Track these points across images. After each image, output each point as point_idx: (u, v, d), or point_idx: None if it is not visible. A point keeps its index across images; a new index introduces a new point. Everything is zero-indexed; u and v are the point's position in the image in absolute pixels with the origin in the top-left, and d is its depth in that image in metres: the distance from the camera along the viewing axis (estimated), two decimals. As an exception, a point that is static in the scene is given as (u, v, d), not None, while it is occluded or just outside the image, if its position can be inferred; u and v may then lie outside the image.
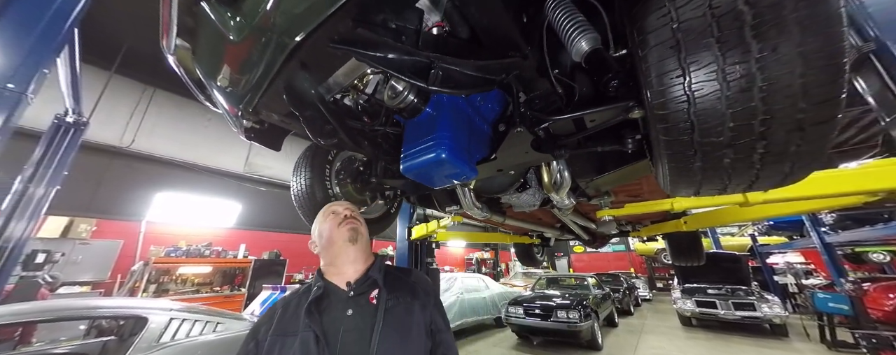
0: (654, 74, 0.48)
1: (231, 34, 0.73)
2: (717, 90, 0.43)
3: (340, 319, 0.74)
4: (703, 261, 3.53)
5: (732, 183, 0.53)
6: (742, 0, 0.40)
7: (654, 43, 0.47)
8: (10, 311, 2.30)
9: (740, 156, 0.47)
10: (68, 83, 3.06)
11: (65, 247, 4.82)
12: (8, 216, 3.20)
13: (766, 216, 1.43)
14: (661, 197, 1.61)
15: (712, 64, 0.43)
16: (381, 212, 1.75)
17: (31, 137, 3.65)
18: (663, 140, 0.52)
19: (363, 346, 0.69)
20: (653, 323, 7.58)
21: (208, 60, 0.90)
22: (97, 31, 4.51)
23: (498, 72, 0.74)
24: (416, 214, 3.59)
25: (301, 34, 0.61)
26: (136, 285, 5.16)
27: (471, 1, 0.55)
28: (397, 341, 0.73)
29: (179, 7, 0.77)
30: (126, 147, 5.80)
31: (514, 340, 5.90)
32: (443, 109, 0.94)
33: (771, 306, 5.72)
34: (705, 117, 0.45)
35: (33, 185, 3.35)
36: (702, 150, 0.49)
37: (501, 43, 0.66)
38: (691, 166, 0.52)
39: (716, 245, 9.94)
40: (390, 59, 0.64)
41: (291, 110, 0.86)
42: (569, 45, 0.62)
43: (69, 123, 3.60)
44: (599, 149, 0.92)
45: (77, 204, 5.23)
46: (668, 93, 0.47)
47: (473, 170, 0.96)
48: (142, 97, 6.11)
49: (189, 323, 2.70)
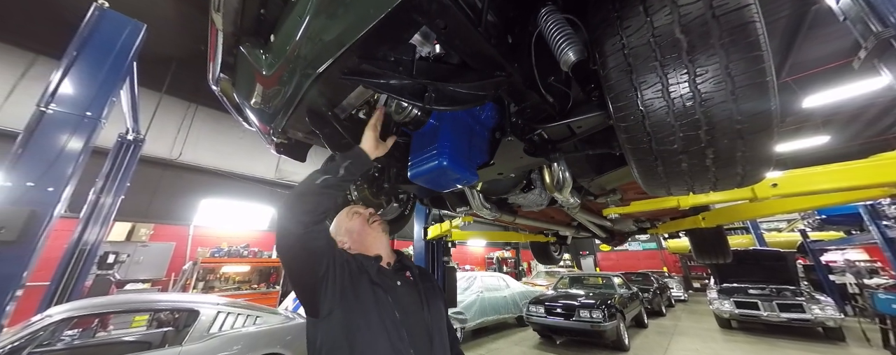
0: (614, 92, 0.55)
1: (263, 69, 0.89)
2: (665, 105, 0.49)
3: (394, 287, 0.90)
4: (729, 259, 3.33)
5: (696, 184, 0.58)
6: (679, 30, 0.46)
7: (611, 65, 0.54)
8: (90, 304, 2.71)
9: (694, 161, 0.53)
10: (129, 106, 3.51)
11: (129, 249, 5.49)
12: (86, 222, 3.74)
13: (785, 210, 1.35)
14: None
15: (658, 83, 0.49)
16: (396, 214, 1.88)
17: (99, 154, 4.22)
18: (628, 147, 0.58)
19: (417, 310, 0.88)
20: (687, 324, 7.17)
21: (245, 90, 1.06)
22: (150, 56, 5.09)
23: (487, 89, 0.83)
24: (432, 215, 3.72)
25: (319, 69, 0.74)
26: (187, 282, 5.76)
27: (454, 35, 0.65)
28: (438, 311, 0.93)
29: (223, 49, 0.94)
30: (175, 159, 6.48)
31: (535, 339, 5.86)
32: (444, 121, 1.04)
33: (823, 308, 5.21)
34: (658, 128, 0.52)
35: (104, 195, 3.88)
36: (661, 157, 0.55)
37: (487, 65, 0.75)
38: (656, 170, 0.58)
39: (759, 242, 9.17)
40: (391, 84, 0.76)
41: (312, 129, 1.00)
42: (558, 55, 0.70)
43: (130, 141, 4.12)
44: (590, 152, 0.98)
45: (138, 210, 5.92)
46: (627, 108, 0.54)
47: (474, 174, 1.05)
48: (187, 113, 6.79)
49: (233, 317, 3.01)
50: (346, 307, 0.79)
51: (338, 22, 0.64)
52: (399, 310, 0.84)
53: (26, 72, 5.11)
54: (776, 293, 5.84)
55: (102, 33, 2.26)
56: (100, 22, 2.26)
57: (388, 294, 0.85)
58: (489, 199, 1.81)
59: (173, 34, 4.90)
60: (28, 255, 1.76)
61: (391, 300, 0.84)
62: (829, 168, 1.03)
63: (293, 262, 0.80)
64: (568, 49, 0.68)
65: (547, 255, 4.32)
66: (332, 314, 0.78)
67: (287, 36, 0.77)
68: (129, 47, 2.34)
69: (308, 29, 0.69)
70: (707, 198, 1.35)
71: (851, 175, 0.96)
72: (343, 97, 0.89)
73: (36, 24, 4.68)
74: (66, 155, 1.96)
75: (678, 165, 0.54)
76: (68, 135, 1.99)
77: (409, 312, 0.85)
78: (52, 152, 1.93)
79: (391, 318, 0.81)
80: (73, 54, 2.11)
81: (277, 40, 0.81)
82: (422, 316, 0.87)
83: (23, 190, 1.81)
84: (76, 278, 3.51)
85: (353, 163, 0.87)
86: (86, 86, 2.12)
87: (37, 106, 1.95)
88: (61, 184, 1.92)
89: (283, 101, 0.92)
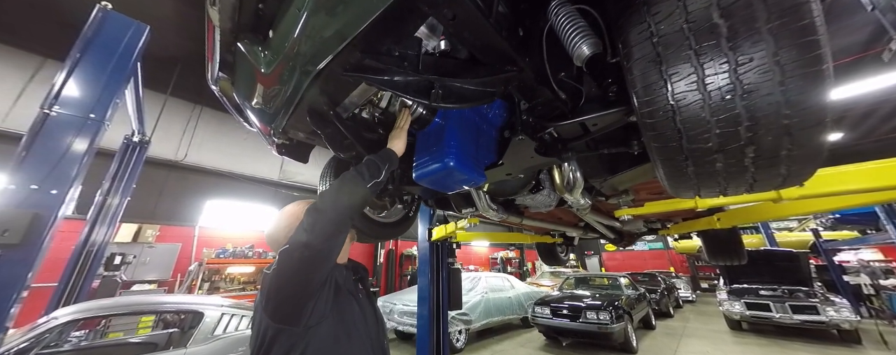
0: (640, 85, 0.50)
1: (262, 67, 0.85)
2: (699, 99, 0.44)
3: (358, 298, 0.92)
4: (744, 260, 3.23)
5: (730, 186, 0.53)
6: (717, 13, 0.41)
7: (637, 56, 0.49)
8: (96, 306, 2.72)
9: (731, 161, 0.48)
10: (134, 108, 3.52)
11: (135, 250, 5.53)
12: (92, 223, 3.76)
13: (807, 211, 1.28)
14: (686, 194, 1.53)
15: (692, 74, 0.44)
16: (400, 215, 1.84)
17: (106, 156, 4.25)
18: (654, 146, 0.53)
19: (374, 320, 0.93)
20: (695, 325, 7.04)
21: (244, 89, 1.03)
22: (154, 58, 5.12)
23: (497, 85, 0.78)
24: (436, 216, 3.67)
25: (319, 65, 0.70)
26: (193, 283, 5.79)
27: (464, 27, 0.60)
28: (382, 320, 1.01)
29: (221, 47, 0.90)
30: (180, 160, 6.52)
31: (541, 341, 5.79)
32: (450, 120, 1.00)
33: (838, 309, 5.07)
34: (691, 124, 0.47)
35: (110, 197, 3.90)
36: (692, 156, 0.50)
37: (497, 59, 0.70)
38: (685, 171, 0.53)
39: (770, 241, 8.97)
40: (396, 81, 0.71)
41: (314, 129, 0.96)
42: (570, 50, 0.65)
43: (136, 143, 4.14)
44: (606, 151, 0.92)
45: (144, 212, 5.97)
46: (654, 102, 0.49)
47: (481, 175, 1.01)
48: (192, 115, 6.83)
49: (237, 319, 2.99)
50: (334, 317, 0.78)
51: (339, 14, 0.60)
52: (368, 320, 0.89)
53: (35, 75, 5.17)
54: (788, 294, 5.70)
55: (106, 35, 2.25)
56: (103, 23, 2.25)
57: (359, 304, 0.88)
58: (495, 200, 1.76)
59: (177, 36, 4.92)
60: (32, 258, 1.75)
61: (359, 310, 0.87)
62: (862, 166, 0.97)
63: (307, 271, 0.72)
64: (581, 42, 0.63)
65: (553, 256, 4.25)
66: (320, 324, 0.75)
67: (286, 31, 0.73)
68: (132, 48, 2.33)
69: (308, 23, 0.65)
70: (728, 199, 1.29)
71: (888, 174, 0.90)
72: (345, 95, 0.85)
73: (43, 27, 4.73)
74: (69, 157, 1.95)
75: (712, 165, 0.49)
76: (72, 137, 1.98)
77: (369, 322, 0.89)
78: (56, 154, 1.92)
79: (364, 328, 0.86)
80: (76, 56, 2.10)
81: (276, 36, 0.77)
82: (377, 327, 0.92)
83: (27, 192, 1.80)
84: (83, 279, 3.53)
85: (390, 164, 0.88)
86: (89, 88, 2.11)
87: (40, 108, 1.95)
88: (65, 187, 1.91)
89: (284, 101, 0.88)
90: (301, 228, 0.73)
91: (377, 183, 0.83)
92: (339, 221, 0.73)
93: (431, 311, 3.49)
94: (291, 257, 0.70)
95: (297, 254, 0.70)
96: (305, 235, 0.70)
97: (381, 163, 0.86)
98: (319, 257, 0.71)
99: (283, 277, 0.72)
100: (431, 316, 3.49)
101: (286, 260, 0.71)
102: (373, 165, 0.86)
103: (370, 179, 0.81)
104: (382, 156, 0.89)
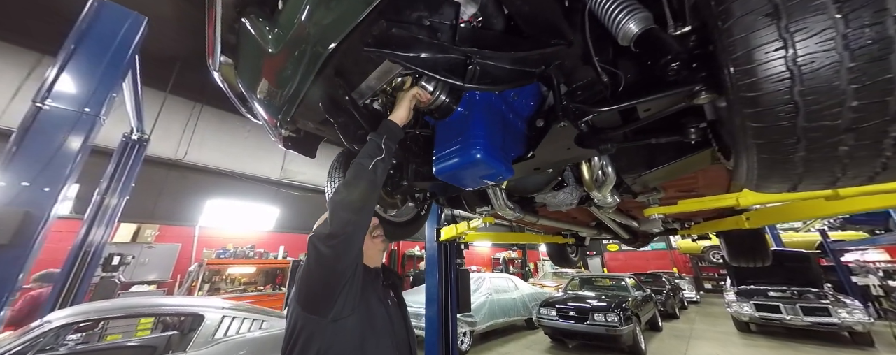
0: (742, 49, 0.40)
1: (269, 47, 0.75)
2: (836, 62, 0.35)
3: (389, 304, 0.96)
4: (769, 262, 3.12)
5: (847, 175, 0.43)
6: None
7: (740, 12, 0.40)
8: (92, 308, 2.62)
9: (864, 142, 0.38)
10: (132, 105, 3.43)
11: (134, 251, 5.44)
12: (90, 223, 3.66)
13: (855, 210, 1.18)
14: (719, 191, 1.43)
15: (830, 29, 0.34)
16: (411, 214, 1.75)
17: (103, 154, 4.16)
18: (752, 127, 0.44)
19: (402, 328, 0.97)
20: (702, 327, 6.94)
21: (249, 74, 0.93)
22: (154, 56, 5.03)
23: (538, 63, 0.69)
24: (444, 215, 3.58)
25: (337, 40, 0.60)
26: (193, 284, 5.69)
27: (513, -14, 0.51)
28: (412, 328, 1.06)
29: (223, 24, 0.81)
30: (180, 159, 6.42)
31: (547, 343, 5.70)
32: (475, 108, 0.90)
33: (850, 311, 4.96)
34: (817, 96, 0.37)
35: (108, 196, 3.81)
36: (808, 137, 0.40)
37: (544, 30, 0.60)
38: (791, 157, 0.43)
39: (776, 241, 8.85)
40: (425, 58, 0.62)
41: (326, 117, 0.86)
42: (614, 29, 0.55)
43: (134, 141, 4.04)
44: (654, 141, 0.83)
45: (143, 211, 5.88)
46: (763, 70, 0.39)
47: (510, 169, 0.91)
48: (192, 113, 6.73)
49: (238, 321, 2.90)
50: (360, 315, 0.81)
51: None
52: (396, 327, 0.91)
53: (32, 72, 5.08)
54: (798, 295, 5.59)
55: (102, 26, 2.15)
56: (99, 14, 2.15)
57: (387, 311, 0.91)
58: (512, 198, 1.66)
59: (177, 33, 4.83)
60: (23, 258, 1.66)
61: (387, 316, 0.90)
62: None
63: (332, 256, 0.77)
64: (628, 18, 0.54)
65: (563, 257, 4.16)
66: (347, 319, 0.79)
67: (298, 1, 0.64)
68: (129, 41, 2.23)
69: (325, -13, 0.56)
70: (778, 196, 1.19)
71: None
72: (364, 76, 0.76)
73: (41, 23, 4.64)
74: (63, 153, 1.86)
75: (834, 149, 0.40)
76: (65, 132, 1.89)
77: (397, 329, 0.92)
78: (49, 150, 1.83)
79: (392, 334, 0.88)
80: (70, 47, 2.01)
81: (287, 7, 0.67)
82: (406, 335, 0.96)
83: (17, 190, 1.70)
84: (81, 281, 3.43)
85: (389, 137, 0.82)
86: (84, 80, 2.02)
87: (32, 102, 1.85)
88: (58, 184, 1.81)
89: (294, 86, 0.78)
90: (325, 220, 0.82)
91: (380, 160, 0.79)
92: (352, 206, 0.75)
93: (440, 313, 3.39)
94: (316, 245, 0.77)
95: (323, 241, 0.76)
96: (326, 225, 0.77)
97: (378, 139, 0.81)
98: (342, 242, 0.75)
99: (311, 264, 0.79)
100: (440, 319, 3.39)
101: (312, 248, 0.78)
102: (371, 145, 0.82)
103: (369, 160, 0.79)
104: (380, 131, 0.82)
